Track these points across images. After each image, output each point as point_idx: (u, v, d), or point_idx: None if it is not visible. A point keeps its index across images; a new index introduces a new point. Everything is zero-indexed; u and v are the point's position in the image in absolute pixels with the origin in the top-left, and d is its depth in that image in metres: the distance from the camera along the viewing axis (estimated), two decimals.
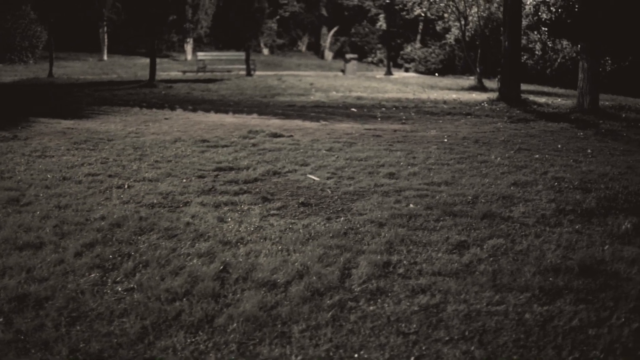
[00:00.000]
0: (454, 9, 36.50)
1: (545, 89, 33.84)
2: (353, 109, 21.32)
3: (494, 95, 25.56)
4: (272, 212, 8.22)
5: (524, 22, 38.61)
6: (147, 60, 45.01)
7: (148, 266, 6.27)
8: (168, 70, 41.78)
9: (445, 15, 38.86)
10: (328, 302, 5.51)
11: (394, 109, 21.68)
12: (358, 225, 7.61)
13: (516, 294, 5.68)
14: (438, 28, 44.88)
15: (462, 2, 35.68)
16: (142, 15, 30.92)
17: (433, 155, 12.05)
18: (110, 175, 10.09)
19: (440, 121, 18.11)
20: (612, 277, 6.15)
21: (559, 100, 26.19)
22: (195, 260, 6.41)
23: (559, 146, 13.47)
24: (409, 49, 52.96)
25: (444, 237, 7.21)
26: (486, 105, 23.14)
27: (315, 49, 63.14)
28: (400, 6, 41.77)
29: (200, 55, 44.08)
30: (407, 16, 40.38)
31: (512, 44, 23.82)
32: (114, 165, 10.90)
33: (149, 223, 7.58)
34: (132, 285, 5.82)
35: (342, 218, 7.92)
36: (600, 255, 6.71)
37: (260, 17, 39.07)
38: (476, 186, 9.55)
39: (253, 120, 17.55)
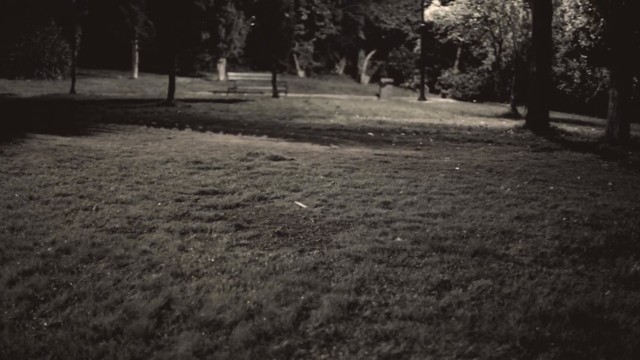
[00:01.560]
0: (489, 34, 35.79)
1: (582, 118, 33.08)
2: (370, 133, 20.80)
3: (522, 122, 24.76)
4: (242, 241, 7.61)
5: (563, 49, 37.94)
6: (179, 80, 44.93)
7: (84, 299, 5.70)
8: (199, 90, 41.52)
9: (481, 40, 38.16)
10: (274, 347, 4.91)
11: (413, 134, 21.11)
12: (331, 260, 6.97)
13: (494, 345, 5.02)
14: (475, 53, 44.20)
15: (497, 27, 34.96)
16: (171, 34, 30.32)
17: (438, 183, 11.38)
18: (81, 196, 9.56)
19: (458, 148, 17.46)
20: (608, 327, 5.46)
21: (592, 130, 25.46)
22: (137, 294, 5.83)
23: (579, 178, 12.75)
24: (446, 74, 52.36)
25: (425, 276, 6.54)
26: (512, 132, 22.50)
27: (353, 73, 62.73)
28: (434, 30, 41.07)
29: (232, 75, 43.86)
30: (440, 40, 39.66)
31: (540, 70, 23.11)
32: (91, 185, 10.38)
33: (101, 250, 7.01)
34: (58, 321, 5.26)
35: (316, 251, 7.28)
36: (599, 301, 6.01)
37: (288, 38, 38.57)
38: (475, 219, 8.86)
39: (260, 142, 17.03)
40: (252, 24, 42.22)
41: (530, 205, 9.86)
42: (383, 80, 44.93)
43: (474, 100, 45.56)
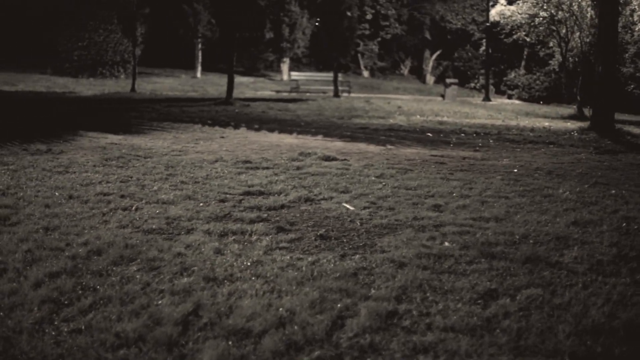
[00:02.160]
0: (555, 33, 35.09)
1: None
2: (429, 134, 20.44)
3: (587, 124, 24.16)
4: (281, 244, 7.32)
5: (632, 50, 37.11)
6: (242, 79, 44.97)
7: (109, 303, 5.46)
8: (261, 89, 41.48)
9: (547, 40, 37.46)
10: (304, 358, 4.55)
11: (473, 135, 20.69)
12: (374, 265, 6.64)
13: None
14: (541, 54, 43.47)
15: (564, 26, 34.24)
16: (231, 33, 30.25)
17: (493, 186, 10.98)
18: (122, 196, 9.36)
19: (518, 150, 16.99)
20: None
21: None
22: (165, 299, 5.58)
23: None
24: (512, 75, 51.58)
25: (472, 284, 6.19)
26: (575, 134, 21.93)
27: (418, 73, 62.27)
28: (499, 29, 40.45)
29: (294, 75, 43.85)
30: (505, 40, 39.05)
31: (606, 70, 22.49)
32: (134, 184, 10.19)
33: (134, 252, 6.77)
34: (80, 326, 5.02)
35: (359, 256, 6.96)
36: None
37: (350, 37, 38.26)
38: (529, 224, 8.45)
39: (314, 142, 16.77)
40: (317, 23, 42.06)
41: (588, 210, 9.42)
42: (448, 80, 44.44)
43: (541, 102, 44.79)
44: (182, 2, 45.56)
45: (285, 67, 53.34)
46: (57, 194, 9.34)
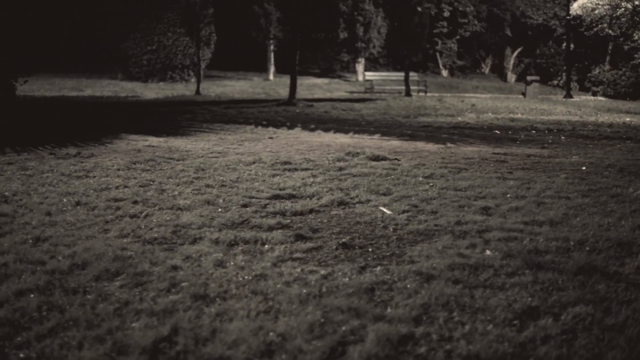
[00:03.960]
0: (639, 25, 33.70)
1: None
2: (496, 131, 19.52)
3: None
4: (295, 255, 6.50)
5: None
6: (317, 80, 44.40)
7: (74, 326, 4.76)
8: (336, 90, 40.88)
9: (630, 31, 36.05)
10: None
11: (545, 131, 19.69)
12: (396, 279, 5.77)
13: None
14: (626, 47, 41.97)
15: None
16: (294, 32, 29.66)
17: (555, 185, 10.02)
18: (135, 202, 8.69)
19: (591, 146, 15.99)
20: None
21: None
22: (140, 322, 4.85)
23: None
24: (596, 71, 49.94)
25: (509, 301, 5.31)
26: None
27: (499, 71, 60.96)
28: (578, 22, 39.09)
29: (369, 75, 43.16)
30: (585, 33, 37.71)
31: None
32: (154, 189, 9.54)
33: (123, 265, 6.06)
34: (31, 355, 4.33)
35: (381, 267, 6.10)
36: None
37: (421, 34, 37.27)
38: (589, 228, 7.49)
39: (369, 141, 16.00)
40: (395, 24, 41.21)
41: None
42: (529, 78, 43.19)
43: (627, 98, 43.17)
44: (252, 2, 45.06)
45: (360, 67, 52.46)
46: (65, 200, 8.71)
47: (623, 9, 33.79)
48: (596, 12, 36.56)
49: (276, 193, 9.29)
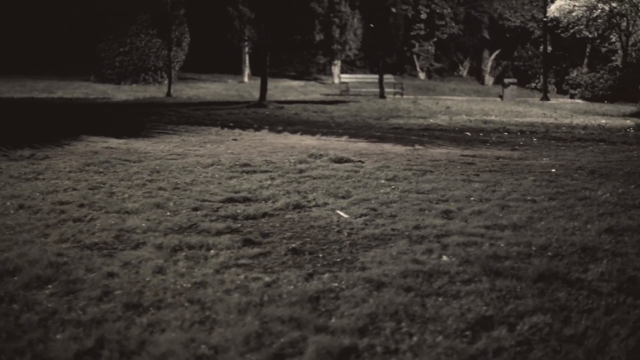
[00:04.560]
0: (615, 27, 33.60)
1: None
2: (467, 133, 19.34)
3: None
4: (241, 261, 6.20)
5: None
6: (292, 83, 44.11)
7: None
8: (311, 93, 40.62)
9: (606, 34, 35.97)
10: None
11: (518, 133, 19.54)
12: (344, 287, 5.48)
13: None
14: (604, 50, 41.92)
15: (625, 19, 32.71)
16: (266, 33, 29.38)
17: (521, 188, 9.77)
18: (82, 205, 8.37)
19: (563, 148, 15.82)
20: None
21: None
22: (65, 333, 4.55)
23: None
24: (574, 73, 49.82)
25: (462, 310, 5.03)
26: (632, 131, 20.67)
27: (477, 74, 60.90)
28: (555, 23, 38.98)
29: (344, 77, 42.94)
30: (562, 34, 37.62)
31: None
32: (103, 192, 9.23)
33: (57, 272, 5.76)
34: None
35: (329, 274, 5.80)
36: None
37: (395, 35, 37.05)
38: (553, 232, 7.22)
39: (336, 143, 15.78)
40: (372, 25, 40.93)
41: (629, 215, 8.13)
42: (506, 81, 43.10)
43: (605, 101, 43.08)
44: (227, 4, 44.74)
45: (336, 69, 52.17)
46: (8, 203, 8.37)
47: (599, 10, 33.63)
48: (573, 14, 36.47)
49: (230, 196, 8.99)
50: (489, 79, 59.86)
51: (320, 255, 6.45)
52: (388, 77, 43.03)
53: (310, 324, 4.71)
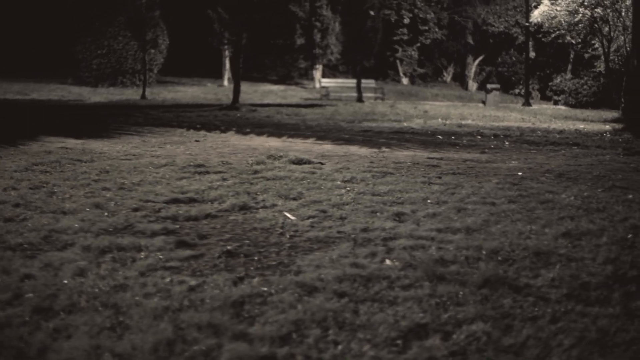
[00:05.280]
0: (597, 32, 33.43)
1: None
2: (439, 136, 19.17)
3: (620, 126, 22.63)
4: (170, 263, 5.90)
5: None
6: (273, 87, 43.83)
7: None
8: (291, 97, 40.37)
9: (589, 39, 35.82)
10: None
11: (492, 137, 19.34)
12: (274, 291, 5.18)
13: None
14: (587, 56, 41.80)
15: (607, 24, 32.52)
16: (238, 36, 29.13)
17: (482, 191, 9.49)
18: (17, 205, 8.06)
19: (534, 151, 15.63)
20: None
21: None
22: None
23: None
24: (558, 80, 49.73)
25: (397, 317, 4.73)
26: (608, 135, 20.50)
27: (461, 80, 60.68)
28: (536, 28, 38.82)
29: (324, 82, 42.63)
30: (543, 39, 37.46)
31: None
32: (43, 192, 8.93)
33: None
34: None
35: (260, 278, 5.48)
36: None
37: (373, 37, 36.80)
38: (508, 236, 6.92)
39: (300, 145, 15.55)
40: (349, 28, 40.72)
41: (590, 218, 7.83)
42: (489, 86, 42.97)
43: (589, 107, 42.97)
44: (207, 7, 44.40)
45: (317, 74, 51.78)
46: None
47: (581, 14, 33.42)
48: (556, 19, 36.24)
49: (176, 197, 8.68)
50: (472, 85, 59.70)
51: (256, 258, 6.13)
52: (369, 82, 42.76)
53: (229, 331, 4.41)
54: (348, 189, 9.55)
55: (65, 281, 5.30)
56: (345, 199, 8.83)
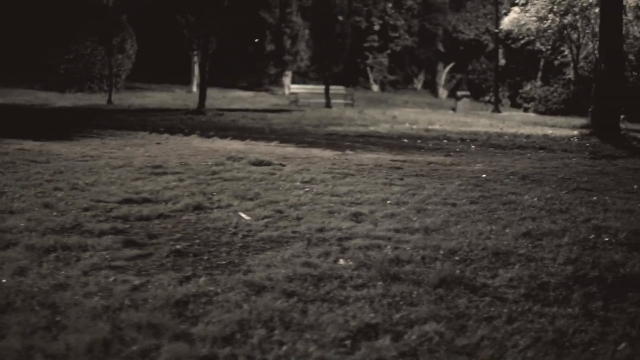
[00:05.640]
0: (566, 39, 33.43)
1: None
2: (405, 140, 19.14)
3: (589, 131, 22.64)
4: (115, 263, 5.74)
5: None
6: (242, 94, 43.62)
7: None
8: (260, 103, 40.20)
9: (558, 44, 35.81)
10: None
11: (458, 141, 19.29)
12: (220, 290, 5.01)
13: None
14: (556, 63, 41.85)
15: (576, 31, 32.54)
16: (204, 41, 28.99)
17: (444, 192, 9.37)
18: None
19: (499, 155, 15.61)
20: None
21: None
22: None
23: (635, 187, 10.70)
24: (528, 87, 49.75)
25: (347, 317, 4.57)
26: (575, 140, 20.48)
27: (432, 87, 60.60)
28: (505, 35, 38.81)
29: (294, 88, 42.43)
30: (512, 45, 37.43)
31: (609, 69, 20.85)
32: None
33: None
34: None
35: (207, 278, 5.28)
36: None
37: (342, 43, 36.70)
38: (467, 236, 6.79)
39: (263, 148, 15.45)
40: (317, 33, 40.56)
41: (552, 219, 7.72)
42: (459, 93, 43.04)
43: (559, 115, 43.00)
44: (176, 12, 44.11)
45: (287, 80, 51.54)
46: None
47: (550, 20, 33.37)
48: (526, 26, 36.22)
49: (129, 197, 8.49)
50: (443, 92, 59.69)
51: (206, 257, 5.97)
52: (339, 89, 42.64)
53: (169, 331, 4.24)
54: (307, 189, 9.41)
55: (4, 280, 5.10)
56: (303, 199, 8.68)
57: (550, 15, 32.65)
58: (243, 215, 7.60)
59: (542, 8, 33.07)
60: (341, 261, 5.82)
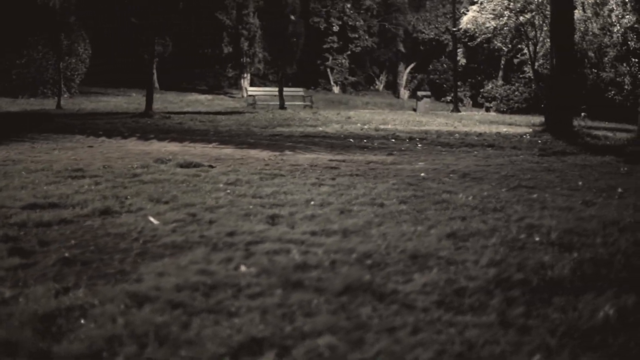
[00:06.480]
0: (524, 36, 33.34)
1: (631, 127, 30.11)
2: (351, 140, 18.96)
3: (541, 127, 22.51)
4: None
5: (612, 53, 35.61)
6: (200, 97, 43.15)
7: None
8: (217, 106, 39.76)
9: (515, 42, 35.78)
10: None
11: (406, 140, 19.15)
12: (98, 303, 4.56)
13: None
14: (516, 61, 41.83)
15: (533, 28, 32.44)
16: (149, 42, 28.58)
17: (375, 192, 9.00)
18: None
19: (445, 153, 15.42)
20: None
21: (628, 135, 22.84)
22: None
23: (580, 184, 10.34)
24: (489, 86, 49.65)
25: (231, 331, 4.18)
26: (528, 137, 20.35)
27: (394, 88, 60.39)
28: (464, 33, 38.71)
29: (251, 90, 41.98)
30: (470, 43, 37.35)
31: (561, 66, 20.77)
32: None
33: None
34: None
35: (87, 289, 4.82)
36: None
37: (295, 43, 36.30)
38: (387, 237, 6.36)
39: (199, 149, 15.17)
40: (270, 33, 40.15)
41: (483, 219, 7.32)
42: (420, 93, 42.95)
43: (520, 113, 42.97)
44: (131, 15, 43.52)
45: (246, 83, 50.98)
46: None
47: (507, 17, 33.28)
48: (486, 25, 36.15)
49: (36, 202, 8.03)
50: (404, 93, 59.52)
51: (95, 265, 5.51)
52: (297, 91, 42.38)
53: (26, 350, 3.81)
54: (228, 191, 8.99)
55: None
56: (222, 201, 8.25)
57: (507, 12, 32.52)
58: (152, 219, 7.17)
59: (498, 5, 32.94)
60: (242, 267, 5.39)
